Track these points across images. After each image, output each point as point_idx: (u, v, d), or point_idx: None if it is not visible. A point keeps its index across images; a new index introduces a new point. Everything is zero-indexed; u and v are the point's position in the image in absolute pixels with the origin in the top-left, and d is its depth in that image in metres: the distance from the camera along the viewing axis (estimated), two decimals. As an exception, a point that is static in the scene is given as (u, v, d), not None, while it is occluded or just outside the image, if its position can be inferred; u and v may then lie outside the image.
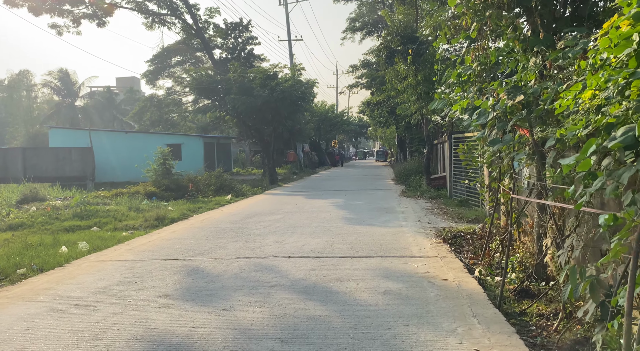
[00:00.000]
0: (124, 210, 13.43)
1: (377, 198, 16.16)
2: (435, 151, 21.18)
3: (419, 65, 16.07)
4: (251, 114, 21.88)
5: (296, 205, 14.42)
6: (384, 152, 67.79)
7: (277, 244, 8.41)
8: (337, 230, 9.68)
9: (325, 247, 8.08)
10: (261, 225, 10.71)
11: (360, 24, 39.62)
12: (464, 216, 11.22)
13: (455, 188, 15.29)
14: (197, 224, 11.15)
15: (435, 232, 9.34)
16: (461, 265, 6.79)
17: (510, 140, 4.62)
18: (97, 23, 26.93)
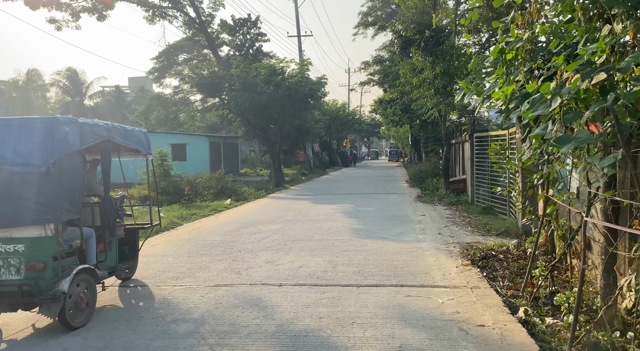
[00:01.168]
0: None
1: (390, 203, 14.65)
2: (453, 152, 19.60)
3: (436, 57, 14.52)
4: (255, 112, 20.50)
5: (300, 212, 12.98)
6: (397, 152, 66.10)
7: (268, 265, 6.98)
8: (343, 246, 8.22)
9: (326, 269, 6.62)
10: (256, 237, 9.29)
11: (372, 19, 38.02)
12: (491, 227, 9.68)
13: (478, 193, 13.72)
14: (184, 236, 9.77)
15: (460, 249, 7.82)
16: (498, 299, 5.29)
17: (589, 139, 3.13)
18: (97, 17, 25.78)
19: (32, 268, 4.55)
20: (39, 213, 4.55)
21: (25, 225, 4.57)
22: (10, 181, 4.53)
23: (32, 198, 4.55)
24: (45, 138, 4.63)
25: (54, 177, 4.59)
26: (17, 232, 4.56)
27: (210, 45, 25.22)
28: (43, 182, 4.55)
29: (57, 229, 4.67)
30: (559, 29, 4.25)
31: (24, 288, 4.52)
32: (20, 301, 4.57)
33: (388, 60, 36.98)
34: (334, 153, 50.00)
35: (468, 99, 6.49)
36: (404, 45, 14.63)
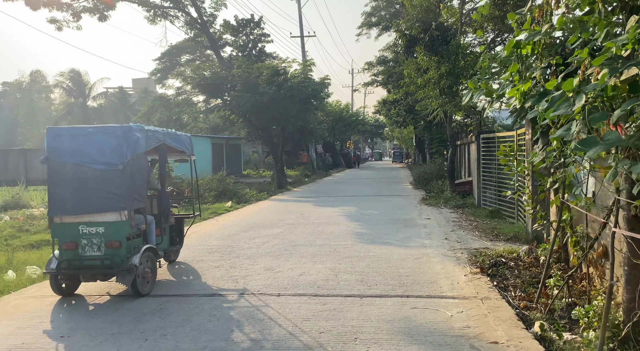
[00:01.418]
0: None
1: (394, 206, 14.31)
2: (459, 153, 19.24)
3: (442, 56, 14.17)
4: (257, 113, 20.21)
5: (302, 215, 12.66)
6: (401, 153, 65.67)
7: (267, 273, 6.65)
8: (346, 251, 7.89)
9: (328, 277, 6.30)
10: (255, 242, 8.98)
11: (376, 19, 37.70)
12: (499, 232, 9.32)
13: (484, 195, 13.37)
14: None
15: (468, 255, 7.48)
16: (511, 312, 4.94)
17: (619, 141, 2.79)
18: (99, 17, 25.58)
19: (110, 246, 5.68)
20: (116, 202, 5.68)
21: (105, 211, 5.68)
22: (94, 176, 5.67)
23: (110, 190, 5.67)
24: (122, 142, 5.71)
25: (128, 173, 5.71)
26: (99, 217, 5.70)
27: (212, 46, 24.97)
28: (119, 177, 5.67)
29: (129, 215, 5.73)
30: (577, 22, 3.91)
31: (104, 262, 5.64)
32: (101, 272, 5.70)
33: (392, 60, 36.62)
34: (337, 154, 49.65)
35: (477, 99, 6.17)
36: (408, 44, 14.28)
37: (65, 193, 5.72)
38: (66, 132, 5.88)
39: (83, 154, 5.69)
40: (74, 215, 5.70)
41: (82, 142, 5.74)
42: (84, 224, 5.69)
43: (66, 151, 5.70)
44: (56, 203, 5.74)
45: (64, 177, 5.75)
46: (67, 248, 5.71)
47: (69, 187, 5.72)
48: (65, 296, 5.85)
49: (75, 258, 5.68)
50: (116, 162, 5.66)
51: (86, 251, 5.69)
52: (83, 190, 5.68)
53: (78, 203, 5.69)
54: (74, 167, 5.69)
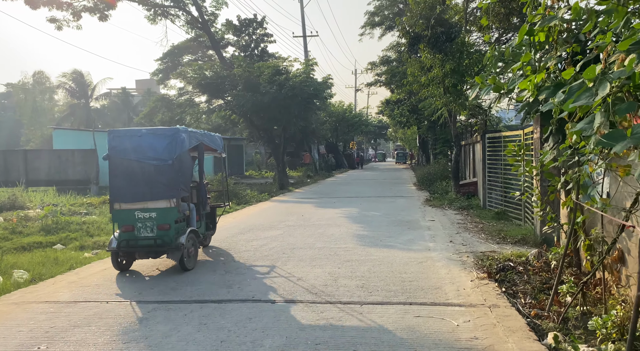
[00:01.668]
0: (102, 222, 11.58)
1: (397, 207, 13.98)
2: (463, 153, 18.88)
3: (446, 54, 13.84)
4: (258, 113, 19.91)
5: (302, 217, 12.35)
6: (405, 154, 65.26)
7: (263, 277, 6.34)
8: (346, 255, 7.57)
9: (326, 283, 5.98)
10: (253, 245, 8.66)
11: (379, 19, 37.37)
12: (506, 234, 8.98)
13: (490, 197, 13.02)
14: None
15: (474, 259, 7.14)
16: (522, 321, 4.61)
17: (650, 135, 2.47)
18: (99, 17, 25.37)
19: (161, 228, 6.70)
20: (166, 191, 6.70)
21: (157, 199, 6.71)
22: (148, 170, 6.69)
23: (162, 182, 6.69)
24: (171, 142, 6.73)
25: (176, 168, 6.73)
26: (152, 204, 6.72)
27: (214, 45, 24.70)
28: (169, 171, 6.69)
29: (177, 202, 6.76)
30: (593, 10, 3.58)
31: (157, 242, 6.66)
32: (154, 250, 6.75)
33: (395, 60, 36.27)
34: (340, 155, 49.31)
35: (484, 95, 5.85)
36: (412, 41, 13.94)
37: (123, 184, 6.77)
38: (124, 134, 6.93)
39: (139, 152, 6.74)
40: (130, 202, 6.77)
41: (137, 141, 6.80)
42: (139, 210, 6.73)
43: (124, 149, 6.79)
44: (116, 192, 6.83)
45: (122, 170, 6.80)
46: (125, 230, 6.81)
47: (127, 179, 6.77)
48: (122, 271, 6.97)
49: (132, 238, 6.75)
50: (166, 158, 6.70)
51: (141, 232, 6.75)
52: (138, 181, 6.74)
53: (134, 193, 6.75)
54: (131, 162, 6.75)
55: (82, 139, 30.71)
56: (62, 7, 24.28)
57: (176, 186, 6.78)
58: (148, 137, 6.81)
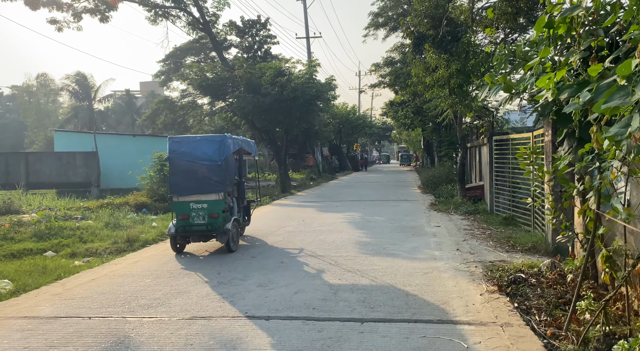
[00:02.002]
0: (97, 228, 11.24)
1: (401, 212, 13.57)
2: (469, 156, 18.46)
3: (451, 54, 13.44)
4: (259, 115, 19.56)
5: (303, 222, 11.97)
6: (409, 156, 64.79)
7: (259, 290, 5.96)
8: (347, 264, 7.18)
9: (326, 296, 5.59)
10: (250, 253, 8.28)
11: (383, 19, 36.96)
12: (515, 242, 8.56)
13: (497, 201, 12.60)
14: (172, 251, 8.80)
15: (482, 269, 6.74)
16: (538, 343, 4.21)
17: None
18: (100, 18, 25.11)
19: (211, 217, 8.07)
20: (216, 186, 8.15)
21: (208, 193, 8.12)
22: (201, 169, 8.14)
23: (212, 179, 8.13)
24: (219, 146, 8.18)
25: (223, 167, 8.15)
26: (203, 197, 8.12)
27: (215, 46, 24.38)
28: (218, 170, 8.13)
29: (224, 196, 8.21)
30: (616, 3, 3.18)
31: (208, 227, 8.04)
32: (205, 234, 8.17)
33: (399, 61, 35.85)
34: (344, 157, 48.93)
35: (494, 95, 5.47)
36: (416, 42, 13.54)
37: (180, 181, 8.25)
38: (181, 140, 8.50)
39: (193, 154, 8.19)
40: (186, 195, 8.19)
41: (192, 146, 8.29)
42: (193, 202, 8.15)
43: (182, 152, 8.26)
44: (174, 187, 8.30)
45: (180, 169, 8.28)
46: (182, 218, 8.17)
47: (183, 176, 8.24)
48: (178, 253, 8.38)
49: (187, 225, 8.13)
50: (216, 160, 8.13)
51: (194, 220, 8.12)
52: (193, 178, 8.18)
53: (189, 187, 8.19)
54: (187, 163, 8.22)
55: (83, 141, 30.48)
56: (63, 8, 24.06)
57: (224, 182, 8.28)
58: (201, 142, 8.35)
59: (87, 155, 28.35)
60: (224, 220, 8.22)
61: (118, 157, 29.79)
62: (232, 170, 8.77)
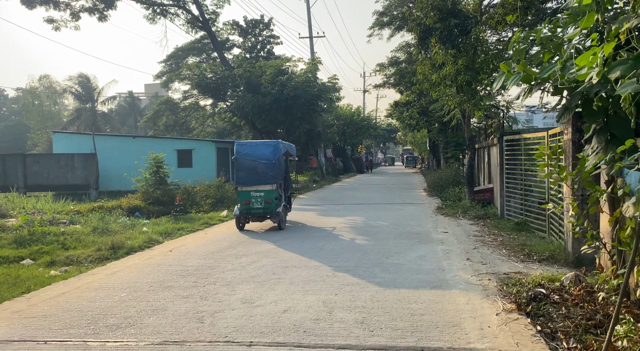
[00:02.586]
0: (84, 233, 10.60)
1: (406, 216, 12.86)
2: (477, 158, 17.71)
3: (459, 50, 12.74)
4: (259, 115, 18.94)
5: (301, 226, 11.28)
6: (414, 158, 63.96)
7: (244, 307, 5.28)
8: (346, 277, 6.48)
9: (319, 316, 4.90)
10: (241, 262, 7.61)
11: (388, 19, 36.24)
12: (531, 250, 7.84)
13: (508, 205, 11.86)
14: (157, 258, 8.14)
15: (497, 283, 6.02)
16: (570, 379, 3.49)
17: None
18: (98, 17, 24.64)
19: (267, 202, 10.50)
20: (271, 179, 10.60)
21: (265, 184, 10.58)
22: (259, 166, 10.58)
23: (268, 173, 10.58)
24: (274, 148, 10.70)
25: (276, 165, 10.66)
26: (261, 187, 10.56)
27: (215, 44, 23.81)
28: (273, 167, 10.61)
29: (277, 187, 10.63)
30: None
31: (264, 211, 10.55)
32: (262, 216, 10.73)
33: (404, 61, 35.14)
34: (348, 159, 48.21)
35: (511, 86, 4.77)
36: (422, 35, 12.83)
37: (244, 175, 10.73)
38: (245, 143, 11.23)
39: (254, 155, 10.68)
40: (248, 186, 10.65)
41: (253, 148, 10.83)
42: (253, 191, 10.59)
43: (246, 153, 10.74)
44: (239, 180, 10.79)
45: (244, 166, 10.74)
46: (245, 203, 10.64)
47: (246, 171, 10.71)
48: (241, 231, 10.83)
49: (248, 209, 10.61)
50: (271, 159, 10.63)
51: (254, 205, 10.59)
52: (254, 173, 10.66)
53: (250, 180, 10.68)
54: (249, 161, 10.68)
55: (83, 143, 29.97)
56: (60, 7, 23.56)
57: (276, 176, 10.79)
58: (260, 146, 10.95)
59: (85, 156, 27.82)
60: (276, 205, 10.68)
61: (118, 158, 29.23)
62: (282, 168, 11.35)
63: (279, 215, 10.69)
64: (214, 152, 31.50)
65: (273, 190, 10.62)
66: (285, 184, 11.77)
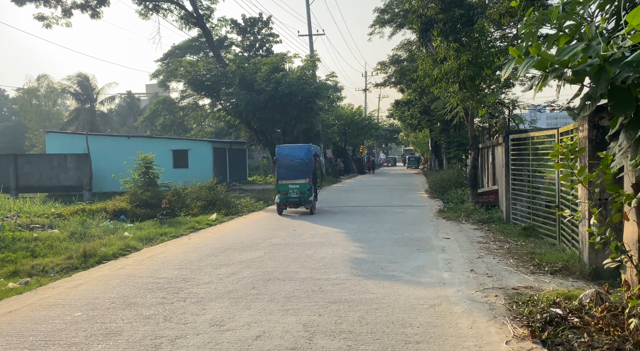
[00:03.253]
0: (59, 238, 9.88)
1: (406, 220, 12.11)
2: (480, 158, 16.93)
3: (462, 44, 11.97)
4: (254, 113, 18.20)
5: (294, 232, 10.55)
6: (416, 158, 63.15)
7: (211, 331, 4.53)
8: (334, 292, 5.73)
9: (296, 345, 4.15)
10: (220, 273, 6.86)
11: (389, 16, 35.48)
12: (541, 260, 7.08)
13: (514, 208, 11.09)
14: (129, 268, 7.41)
15: (505, 300, 5.26)
16: None
17: None
18: (91, 14, 23.96)
19: (301, 193, 13.43)
20: (305, 174, 13.64)
21: (300, 178, 13.53)
22: (296, 165, 13.65)
23: (302, 170, 13.61)
24: (307, 151, 13.91)
25: (309, 163, 13.74)
26: (297, 181, 13.52)
27: (209, 41, 23.09)
28: (306, 165, 13.68)
29: (310, 180, 13.64)
30: None
31: (299, 199, 13.57)
32: (297, 204, 13.79)
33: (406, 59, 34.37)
34: (349, 159, 47.44)
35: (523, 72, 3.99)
36: (423, 27, 12.06)
37: (283, 171, 13.54)
38: (285, 147, 14.24)
39: (292, 156, 13.59)
40: (286, 180, 13.44)
41: (291, 150, 13.83)
42: (290, 184, 13.33)
43: (285, 154, 13.66)
44: (280, 175, 13.57)
45: (283, 164, 13.56)
46: (284, 194, 13.39)
47: (285, 168, 13.54)
48: (280, 215, 13.59)
49: (287, 198, 13.43)
50: (305, 159, 13.50)
51: (291, 195, 13.36)
52: (291, 170, 13.46)
53: (288, 175, 13.46)
54: (288, 161, 13.55)
55: (76, 143, 29.32)
56: (50, 3, 22.86)
57: (309, 172, 13.62)
58: (296, 148, 14.00)
59: (79, 157, 27.15)
60: (308, 195, 13.50)
61: (112, 159, 28.55)
62: (313, 166, 14.21)
63: (310, 203, 13.73)
64: (210, 152, 30.80)
65: (306, 183, 13.53)
66: (314, 179, 14.55)
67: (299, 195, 13.33)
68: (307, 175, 13.53)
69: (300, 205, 13.72)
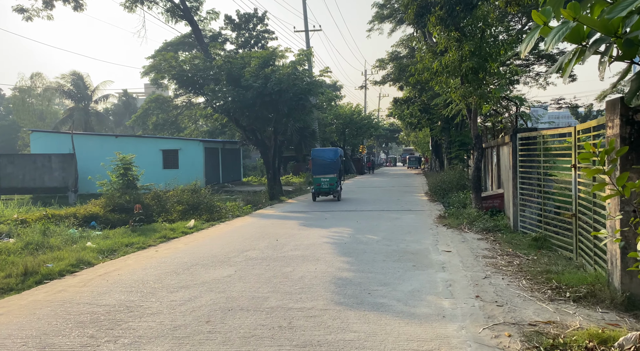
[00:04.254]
0: (10, 250, 8.74)
1: (402, 228, 10.95)
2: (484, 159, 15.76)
3: (463, 34, 10.81)
4: (243, 111, 17.02)
5: (276, 242, 9.39)
6: (417, 158, 61.97)
7: (128, 397, 3.38)
8: (305, 330, 4.57)
9: None
10: (174, 299, 5.69)
11: (388, 11, 34.32)
12: (560, 281, 5.92)
13: (523, 215, 9.91)
14: (69, 292, 6.24)
15: (522, 344, 4.10)
16: None
17: None
18: (73, 6, 22.83)
19: (331, 184, 18.04)
20: (333, 170, 18.26)
21: (330, 173, 18.14)
22: (327, 163, 18.28)
23: (332, 167, 18.27)
24: (336, 152, 18.88)
25: (337, 162, 18.35)
26: (327, 175, 18.10)
27: (197, 35, 21.95)
28: (334, 163, 18.29)
29: (337, 175, 18.25)
30: None
31: (330, 189, 18.23)
32: (328, 192, 18.31)
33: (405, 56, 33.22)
34: (348, 160, 46.27)
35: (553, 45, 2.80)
36: (419, 11, 10.88)
37: (318, 168, 18.03)
38: (319, 149, 19.56)
39: (324, 156, 18.38)
40: (320, 175, 17.93)
41: (323, 152, 18.89)
42: (322, 177, 17.80)
43: (318, 156, 18.49)
44: (315, 171, 18.14)
45: (318, 163, 18.03)
46: (317, 185, 17.92)
47: (319, 166, 18.01)
48: (314, 201, 17.94)
49: (320, 188, 17.94)
50: (333, 158, 18.13)
51: (322, 186, 17.83)
52: (324, 167, 17.96)
53: (321, 171, 17.96)
54: (321, 160, 18.17)
55: (62, 143, 28.23)
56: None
57: (336, 168, 17.73)
58: (327, 151, 18.79)
59: (64, 157, 26.06)
60: (336, 186, 17.36)
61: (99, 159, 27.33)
62: (339, 164, 17.89)
63: (337, 192, 17.80)
64: (201, 152, 29.70)
65: (334, 177, 17.43)
66: (340, 174, 18.23)
67: (329, 186, 17.44)
68: (335, 171, 17.66)
69: (329, 193, 17.81)
